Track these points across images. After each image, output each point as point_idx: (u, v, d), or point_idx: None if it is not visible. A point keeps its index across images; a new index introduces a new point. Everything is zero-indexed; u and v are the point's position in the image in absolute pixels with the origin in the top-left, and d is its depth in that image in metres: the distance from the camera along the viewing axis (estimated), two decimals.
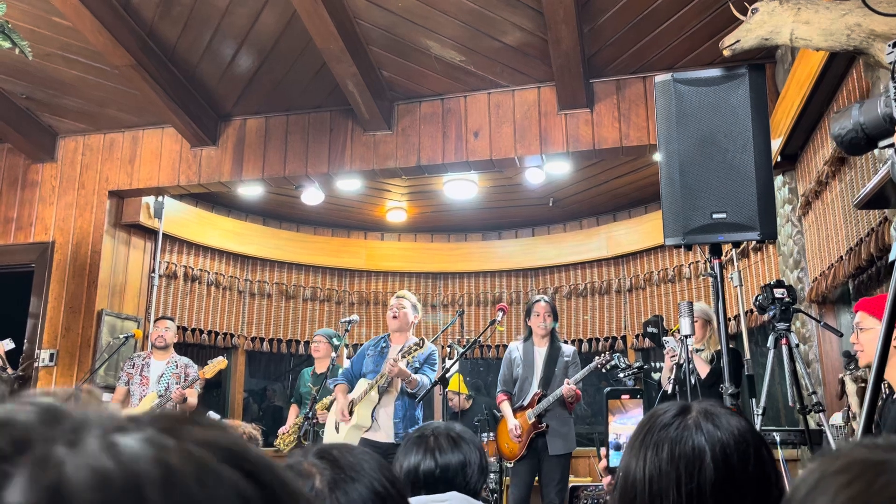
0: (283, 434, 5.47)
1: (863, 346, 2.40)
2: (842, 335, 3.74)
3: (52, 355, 5.51)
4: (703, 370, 4.17)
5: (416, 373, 4.45)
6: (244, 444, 0.40)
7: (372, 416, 4.46)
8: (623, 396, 1.64)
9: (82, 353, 5.51)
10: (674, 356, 4.05)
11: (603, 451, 1.60)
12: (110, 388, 5.43)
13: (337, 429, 4.60)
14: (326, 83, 5.12)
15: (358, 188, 6.41)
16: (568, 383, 4.57)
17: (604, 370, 4.77)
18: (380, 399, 4.47)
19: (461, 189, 6.51)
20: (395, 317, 4.67)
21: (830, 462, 0.59)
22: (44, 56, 4.90)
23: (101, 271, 5.65)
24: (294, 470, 0.96)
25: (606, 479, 1.62)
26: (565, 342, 5.05)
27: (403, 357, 4.39)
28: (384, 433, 4.42)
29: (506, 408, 4.78)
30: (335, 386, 4.69)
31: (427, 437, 1.74)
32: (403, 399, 4.47)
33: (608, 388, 1.65)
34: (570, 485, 4.80)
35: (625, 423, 1.61)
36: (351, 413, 4.50)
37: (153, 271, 6.18)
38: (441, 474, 1.68)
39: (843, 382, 3.49)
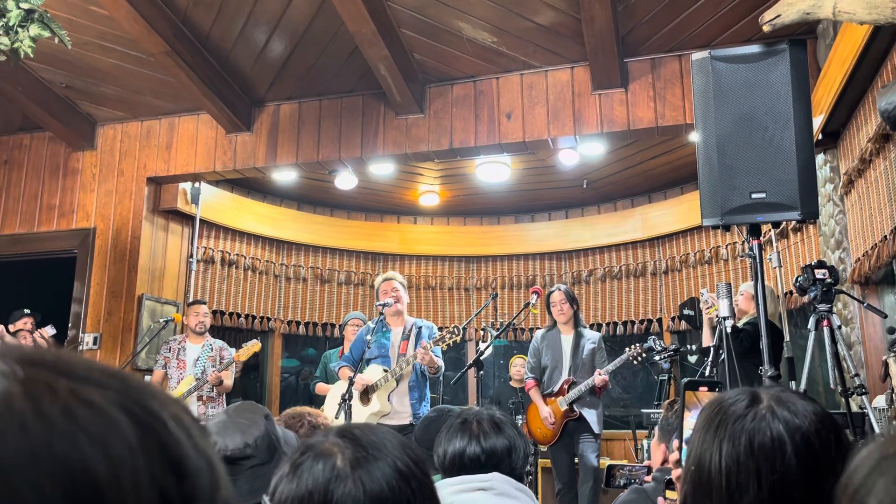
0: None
1: None
2: (886, 316, 3.65)
3: (95, 339, 5.64)
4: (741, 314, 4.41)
5: None
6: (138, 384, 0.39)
7: (388, 401, 4.54)
8: (701, 388, 1.47)
9: (124, 336, 5.63)
10: (709, 309, 4.18)
11: (675, 443, 1.52)
12: (151, 371, 5.55)
13: (337, 416, 4.54)
14: (358, 67, 5.12)
15: (391, 172, 6.41)
16: (599, 374, 4.76)
17: (635, 362, 4.92)
18: (397, 385, 4.54)
19: (494, 172, 6.47)
20: (396, 301, 4.66)
21: (890, 444, 0.58)
22: (81, 45, 4.97)
23: (141, 257, 5.75)
24: (315, 450, 0.95)
25: (676, 472, 1.59)
26: (587, 326, 5.20)
27: (437, 344, 4.42)
28: (402, 416, 4.51)
29: (535, 394, 4.99)
30: (339, 369, 4.75)
31: (470, 422, 1.72)
32: (418, 381, 4.58)
33: (686, 379, 1.50)
34: (607, 464, 4.88)
35: None
36: (368, 400, 4.53)
37: (191, 256, 6.27)
38: (487, 459, 1.67)
39: (886, 364, 3.41)
